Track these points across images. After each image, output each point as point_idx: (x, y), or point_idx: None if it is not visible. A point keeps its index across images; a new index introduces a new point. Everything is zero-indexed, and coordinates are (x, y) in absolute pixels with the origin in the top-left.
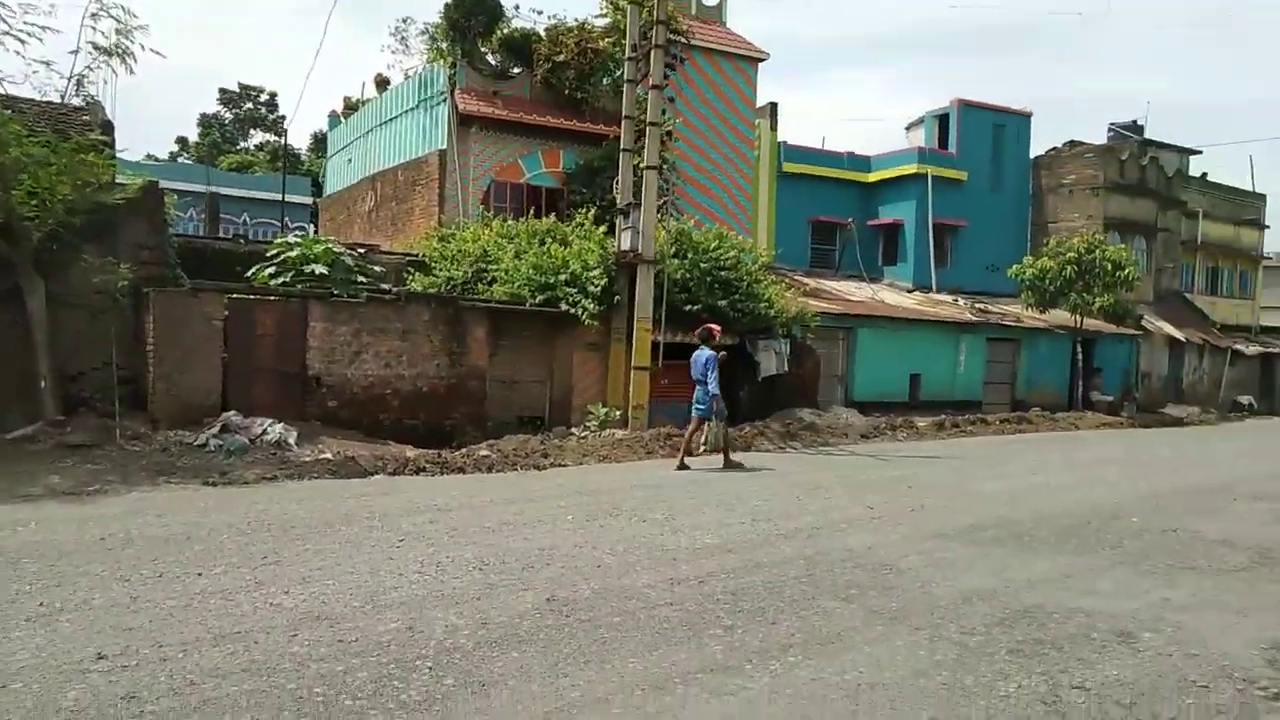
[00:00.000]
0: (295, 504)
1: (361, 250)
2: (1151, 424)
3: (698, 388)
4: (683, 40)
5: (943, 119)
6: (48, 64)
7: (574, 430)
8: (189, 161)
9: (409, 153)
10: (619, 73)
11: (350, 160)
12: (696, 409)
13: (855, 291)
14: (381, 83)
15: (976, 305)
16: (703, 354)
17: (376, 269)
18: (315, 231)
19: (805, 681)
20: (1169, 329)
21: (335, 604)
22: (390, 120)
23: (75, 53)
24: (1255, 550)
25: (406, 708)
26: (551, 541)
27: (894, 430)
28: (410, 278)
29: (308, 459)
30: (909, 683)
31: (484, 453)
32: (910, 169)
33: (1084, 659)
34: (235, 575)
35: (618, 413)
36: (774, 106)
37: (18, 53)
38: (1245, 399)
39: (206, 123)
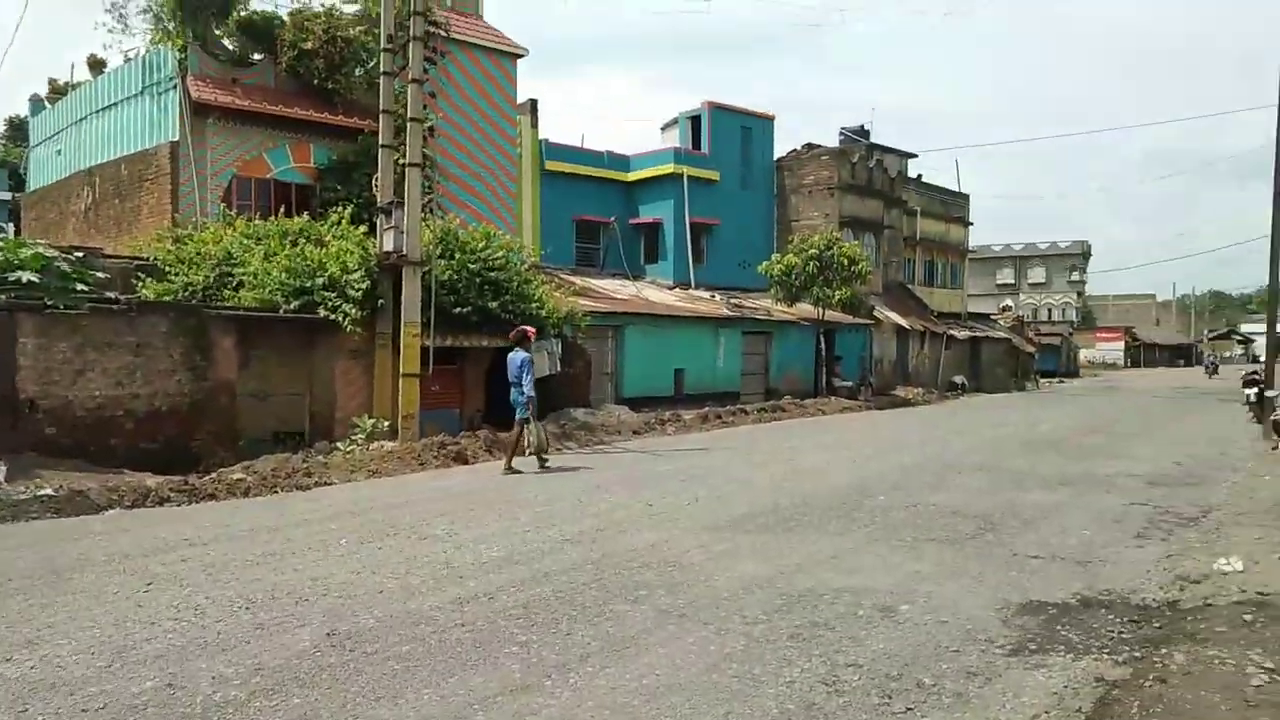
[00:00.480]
0: (11, 552)
1: (80, 254)
2: (885, 406)
3: (512, 389)
4: (442, 33)
5: (695, 120)
6: None
7: (339, 445)
8: None
9: (133, 144)
10: (372, 63)
11: (60, 151)
12: (519, 410)
13: (620, 290)
14: (96, 64)
15: (732, 300)
16: (518, 356)
17: (100, 275)
18: (17, 232)
19: (606, 691)
20: (896, 318)
21: (74, 667)
22: (109, 107)
23: None
24: (981, 518)
25: None
26: (325, 570)
27: (663, 425)
28: (141, 284)
29: (23, 497)
30: (704, 679)
31: (238, 476)
32: (667, 169)
33: (854, 637)
34: None
35: (386, 424)
36: (534, 103)
37: None
38: (959, 379)
39: None
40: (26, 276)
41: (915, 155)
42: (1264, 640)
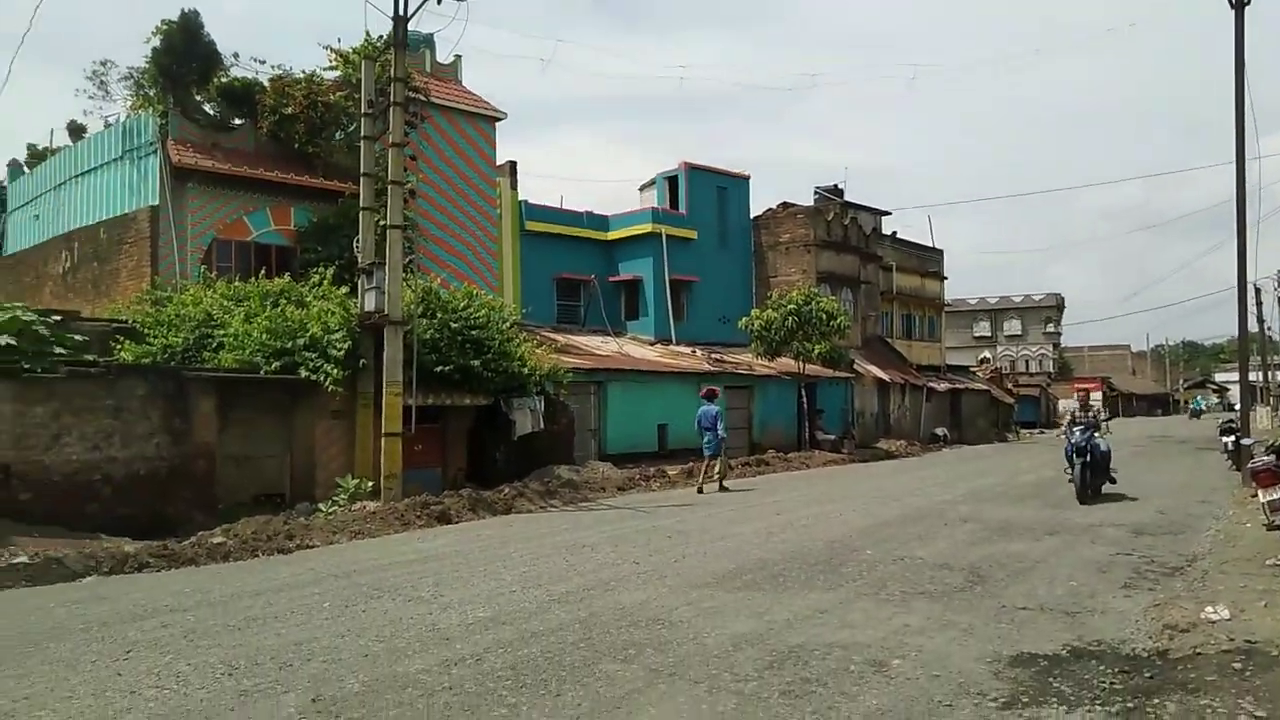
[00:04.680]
0: None
1: (57, 318)
2: (869, 458)
3: (706, 433)
4: (422, 98)
5: (672, 180)
6: None
7: (321, 506)
8: None
9: (113, 208)
10: (353, 128)
11: (38, 216)
12: (708, 449)
13: (602, 346)
14: (76, 130)
15: (713, 355)
16: (710, 409)
17: (77, 338)
18: None
19: None
20: (876, 371)
21: None
22: (89, 172)
23: None
24: (969, 571)
25: None
26: (308, 634)
27: (648, 480)
28: (119, 347)
29: None
30: None
31: (218, 539)
32: (646, 228)
33: (846, 692)
34: None
35: (369, 484)
36: (514, 165)
37: None
38: (941, 431)
39: None
40: (3, 340)
41: (889, 213)
42: (1254, 688)
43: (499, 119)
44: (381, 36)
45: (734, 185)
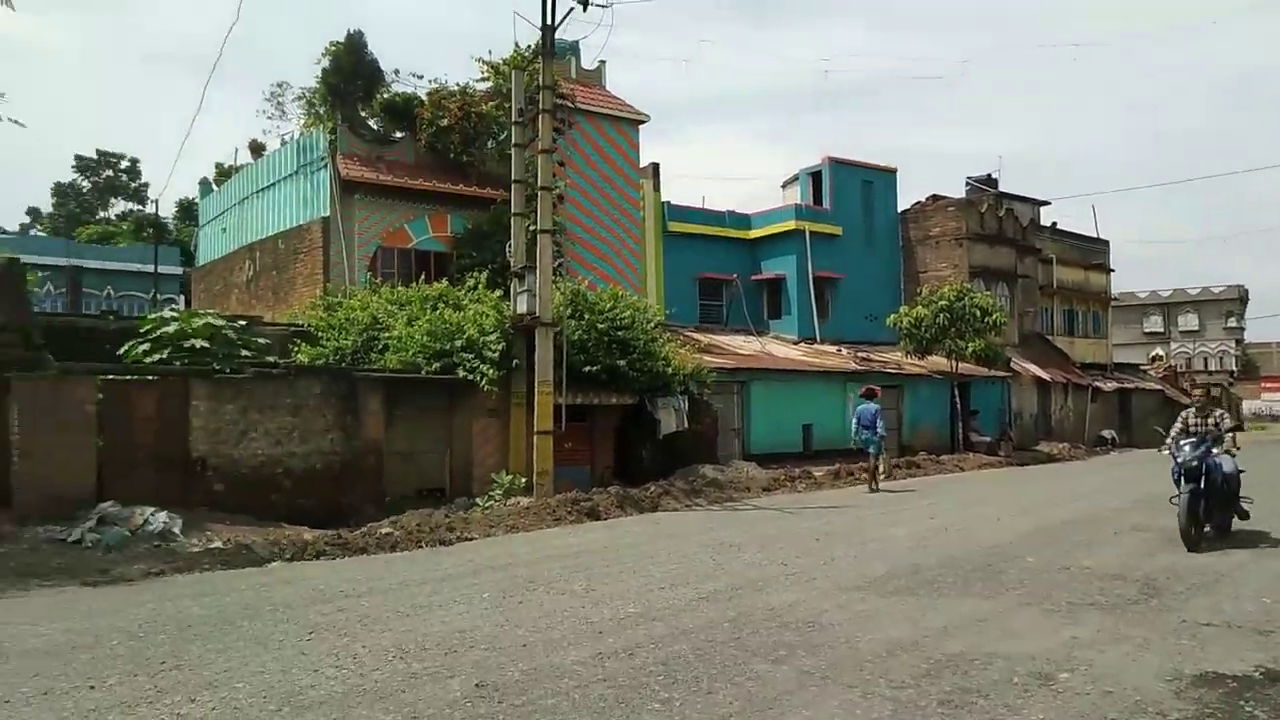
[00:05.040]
0: (189, 600)
1: (243, 322)
2: (1027, 461)
3: (866, 430)
4: (569, 104)
5: (815, 176)
6: None
7: (478, 501)
8: (43, 234)
9: (289, 220)
10: (504, 135)
11: (225, 229)
12: (872, 447)
13: (745, 345)
14: (257, 148)
15: (859, 354)
16: (870, 407)
17: (261, 341)
18: (187, 304)
19: None
20: (1035, 369)
21: (249, 709)
22: (268, 187)
23: None
24: (1143, 582)
25: None
26: (470, 622)
27: (793, 481)
28: (296, 349)
29: (196, 549)
30: None
31: (386, 530)
32: (789, 225)
33: (1010, 705)
34: (133, 685)
35: (522, 480)
36: (656, 167)
37: None
38: (1108, 433)
39: (62, 192)
40: (198, 344)
41: (1048, 202)
42: None
43: (642, 121)
44: (530, 46)
45: (880, 179)
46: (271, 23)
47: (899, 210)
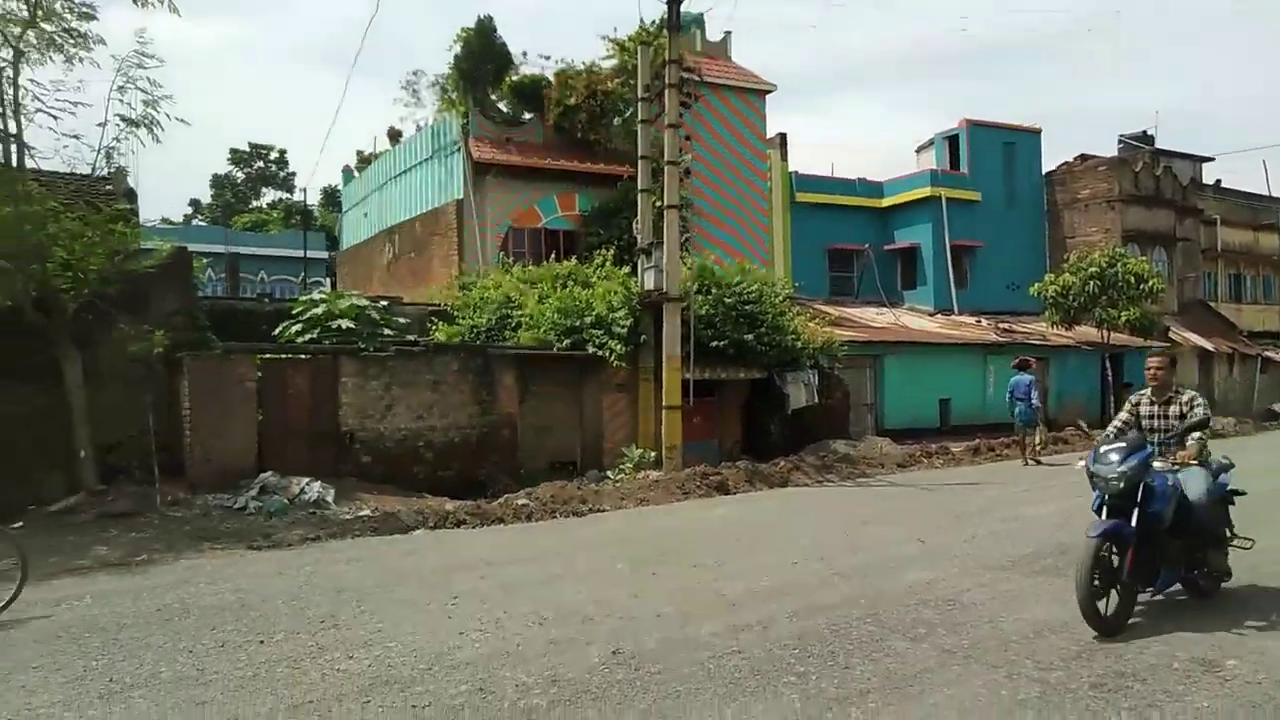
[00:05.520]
0: (343, 565)
1: (385, 303)
2: None
3: (1019, 403)
4: (694, 78)
5: (952, 140)
6: (77, 138)
7: (608, 474)
8: (204, 223)
9: (426, 204)
10: (629, 113)
11: (366, 214)
12: (1023, 419)
13: (877, 318)
14: (394, 135)
15: (1000, 325)
16: (1023, 379)
17: (401, 321)
18: (333, 286)
19: None
20: (1196, 339)
21: (402, 667)
22: (405, 172)
23: (103, 125)
24: None
25: None
26: (605, 593)
27: (929, 457)
28: (434, 328)
29: (347, 517)
30: None
31: (522, 502)
32: (924, 192)
33: (1170, 691)
34: (296, 641)
35: (651, 454)
36: (784, 137)
37: (50, 128)
38: (1279, 407)
39: (219, 183)
40: (345, 324)
41: (1211, 159)
42: None
43: (769, 91)
44: (655, 21)
45: (1023, 140)
46: (407, 13)
47: (1044, 173)
